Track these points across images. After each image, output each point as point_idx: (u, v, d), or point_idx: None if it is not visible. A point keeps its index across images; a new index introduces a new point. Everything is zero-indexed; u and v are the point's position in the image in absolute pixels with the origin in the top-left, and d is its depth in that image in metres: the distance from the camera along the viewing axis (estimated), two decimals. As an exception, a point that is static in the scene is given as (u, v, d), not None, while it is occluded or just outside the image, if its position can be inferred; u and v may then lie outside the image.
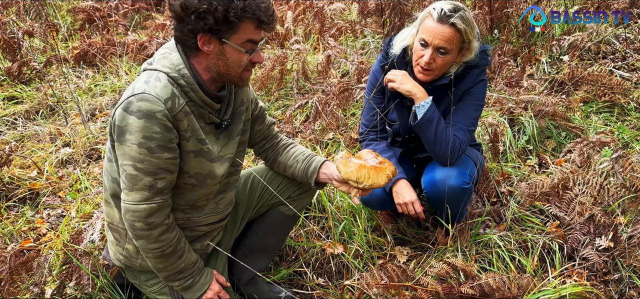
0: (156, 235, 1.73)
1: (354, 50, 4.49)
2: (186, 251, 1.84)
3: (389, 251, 2.52)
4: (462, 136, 2.21)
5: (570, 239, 2.42)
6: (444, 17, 2.05)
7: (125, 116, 1.60)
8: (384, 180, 1.90)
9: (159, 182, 1.67)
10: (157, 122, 1.60)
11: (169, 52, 1.71)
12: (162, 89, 1.62)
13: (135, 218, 1.69)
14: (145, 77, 1.66)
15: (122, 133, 1.62)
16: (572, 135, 3.29)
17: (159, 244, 1.75)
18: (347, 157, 1.93)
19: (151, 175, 1.65)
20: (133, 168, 1.64)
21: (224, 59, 1.68)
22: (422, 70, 2.15)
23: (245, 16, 1.60)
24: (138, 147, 1.61)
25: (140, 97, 1.59)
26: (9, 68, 4.58)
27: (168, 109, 1.62)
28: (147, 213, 1.68)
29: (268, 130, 2.15)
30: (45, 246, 2.57)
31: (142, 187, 1.66)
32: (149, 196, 1.67)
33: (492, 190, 2.78)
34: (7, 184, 3.16)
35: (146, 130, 1.59)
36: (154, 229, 1.71)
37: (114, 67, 4.75)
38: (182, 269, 1.84)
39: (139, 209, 1.68)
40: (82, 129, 3.68)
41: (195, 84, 1.69)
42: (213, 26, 1.60)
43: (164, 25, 5.52)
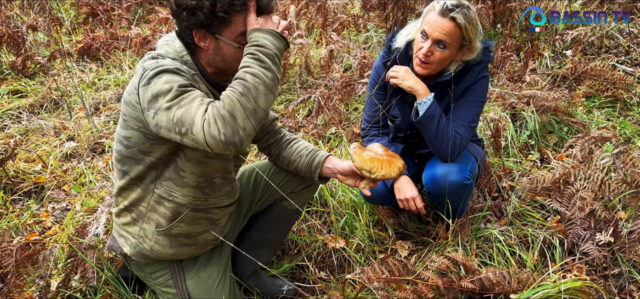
0: (223, 108, 1.48)
1: (356, 44, 4.49)
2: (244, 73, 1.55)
3: (391, 245, 2.54)
4: (463, 132, 2.22)
5: (570, 234, 2.43)
6: (445, 11, 2.06)
7: (148, 88, 1.55)
8: (396, 172, 1.94)
9: (206, 99, 1.53)
10: (176, 73, 1.57)
11: (172, 40, 1.73)
12: (171, 62, 1.62)
13: (209, 127, 1.46)
14: (153, 56, 1.67)
15: (155, 100, 1.54)
16: (574, 130, 3.30)
17: (235, 94, 1.50)
18: (360, 148, 1.97)
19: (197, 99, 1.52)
20: (178, 107, 1.51)
21: (220, 54, 1.69)
22: (420, 62, 2.15)
23: (233, 9, 1.59)
24: (170, 94, 1.51)
25: (154, 65, 1.58)
26: (13, 62, 4.61)
27: (186, 72, 1.62)
28: (213, 116, 1.47)
29: (271, 125, 2.17)
30: (50, 239, 2.60)
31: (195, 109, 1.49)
32: (205, 109, 1.49)
33: (493, 185, 2.79)
34: (12, 178, 3.19)
35: (170, 81, 1.53)
36: (220, 110, 1.48)
37: (118, 61, 4.77)
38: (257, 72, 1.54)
39: (206, 121, 1.47)
40: (86, 123, 3.71)
41: (198, 71, 1.71)
42: (204, 21, 1.60)
43: (167, 19, 5.52)
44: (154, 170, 1.80)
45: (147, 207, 1.88)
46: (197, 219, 1.92)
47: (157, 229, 1.89)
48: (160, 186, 1.83)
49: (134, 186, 1.87)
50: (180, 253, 1.96)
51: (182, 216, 1.87)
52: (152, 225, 1.89)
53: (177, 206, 1.85)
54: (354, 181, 2.04)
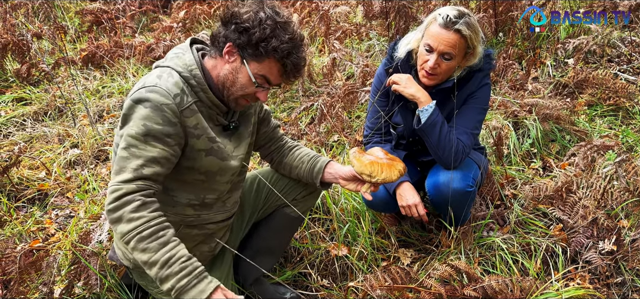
0: (129, 211, 1.57)
1: (359, 52, 4.51)
2: (172, 241, 1.60)
3: (393, 253, 2.54)
4: (465, 139, 2.23)
5: (573, 242, 2.43)
6: (449, 23, 2.07)
7: (133, 105, 1.65)
8: (396, 175, 1.94)
9: (146, 169, 1.62)
10: (162, 114, 1.63)
11: (182, 53, 1.77)
12: (173, 85, 1.68)
13: (112, 198, 1.58)
14: (158, 72, 1.72)
15: (126, 120, 1.66)
16: (577, 138, 3.30)
17: (133, 223, 1.57)
18: (360, 153, 1.98)
19: (141, 159, 1.62)
20: (126, 150, 1.62)
21: (235, 75, 1.74)
22: (427, 75, 2.17)
23: (273, 55, 1.69)
24: (135, 133, 1.62)
25: (151, 89, 1.65)
26: (18, 70, 4.64)
27: (176, 104, 1.66)
28: (124, 192, 1.58)
29: (273, 132, 2.18)
30: (53, 246, 2.61)
31: (127, 170, 1.61)
32: (131, 178, 1.60)
33: (495, 193, 2.80)
34: (16, 185, 3.21)
35: (149, 119, 1.62)
36: (127, 204, 1.58)
37: (122, 69, 4.80)
38: (169, 261, 1.57)
39: (117, 187, 1.59)
40: (90, 131, 3.72)
41: (206, 85, 1.74)
42: (243, 44, 1.68)
43: (170, 28, 5.56)
44: None
45: None
46: (192, 236, 1.94)
47: None
48: None
49: None
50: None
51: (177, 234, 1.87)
52: None
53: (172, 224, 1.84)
54: (355, 186, 2.05)
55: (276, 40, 1.66)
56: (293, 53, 1.70)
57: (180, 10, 5.87)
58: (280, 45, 1.66)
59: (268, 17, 1.66)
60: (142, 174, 1.61)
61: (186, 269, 1.57)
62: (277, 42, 1.66)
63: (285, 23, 1.69)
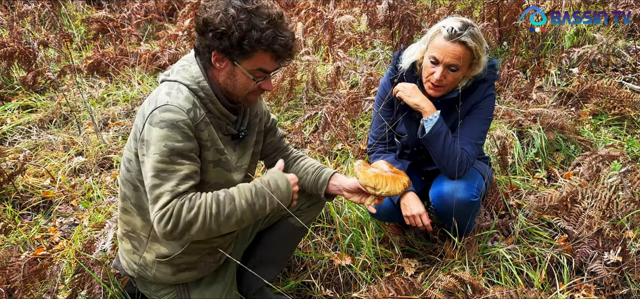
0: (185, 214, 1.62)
1: (363, 61, 4.52)
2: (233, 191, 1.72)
3: (397, 263, 2.53)
4: (470, 149, 2.23)
5: (578, 253, 2.42)
6: (454, 35, 2.07)
7: (150, 129, 1.64)
8: (401, 188, 1.94)
9: (181, 186, 1.65)
10: (180, 131, 1.63)
11: (188, 65, 1.75)
12: (184, 100, 1.67)
13: (164, 225, 1.62)
14: (167, 89, 1.70)
15: (147, 146, 1.64)
16: (581, 148, 3.29)
17: (198, 216, 1.64)
18: (365, 165, 1.98)
19: (173, 180, 1.64)
20: (156, 178, 1.64)
21: (232, 79, 1.72)
22: (433, 86, 2.17)
23: (260, 47, 1.64)
24: (160, 156, 1.62)
25: (164, 108, 1.63)
26: (24, 77, 4.67)
27: (191, 119, 1.66)
28: (171, 210, 1.62)
29: (279, 142, 2.18)
30: (57, 254, 2.61)
31: (164, 193, 1.63)
32: (169, 199, 1.63)
33: (500, 203, 2.78)
34: (21, 193, 3.22)
35: (168, 139, 1.62)
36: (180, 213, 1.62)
37: (127, 76, 4.82)
38: (248, 200, 1.71)
39: (163, 212, 1.62)
40: (95, 139, 3.74)
41: (214, 96, 1.73)
42: (227, 48, 1.64)
43: (175, 36, 5.58)
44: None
45: (148, 237, 1.90)
46: (199, 249, 1.94)
47: (158, 258, 1.91)
48: None
49: (135, 213, 1.89)
50: (182, 278, 1.98)
51: (183, 248, 1.89)
52: (153, 254, 1.92)
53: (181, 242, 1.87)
54: (359, 198, 2.05)
55: (256, 31, 1.60)
56: (278, 35, 1.64)
57: (186, 19, 5.90)
58: (262, 35, 1.61)
59: (239, 11, 1.60)
60: (179, 191, 1.64)
61: (263, 189, 1.75)
62: (257, 33, 1.60)
63: (257, 8, 1.61)
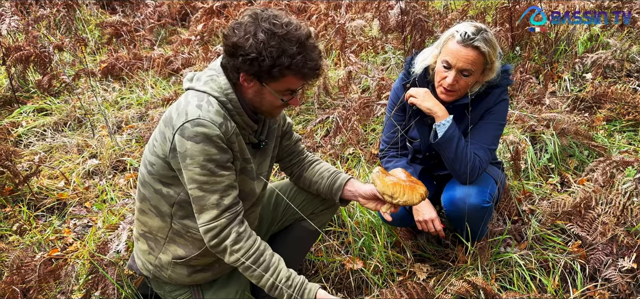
0: (230, 244, 1.75)
1: (374, 66, 4.52)
2: (272, 265, 1.80)
3: (409, 267, 2.52)
4: (482, 154, 2.22)
5: (592, 259, 2.40)
6: (467, 40, 2.07)
7: (183, 142, 1.67)
8: (418, 198, 1.94)
9: (225, 199, 1.73)
10: (214, 144, 1.67)
11: (216, 75, 1.76)
12: (215, 114, 1.69)
13: (209, 238, 1.76)
14: (197, 101, 1.71)
15: (183, 158, 1.69)
16: (595, 154, 3.26)
17: (236, 255, 1.76)
18: (383, 173, 1.98)
19: (216, 193, 1.72)
20: (199, 190, 1.71)
21: (260, 97, 1.75)
22: (445, 91, 2.17)
23: (289, 73, 1.66)
24: (201, 169, 1.68)
25: (196, 122, 1.66)
26: (39, 81, 4.73)
27: (223, 133, 1.69)
28: (219, 229, 1.74)
29: (295, 146, 2.19)
30: (72, 255, 2.64)
31: (210, 207, 1.73)
32: (217, 215, 1.73)
33: (513, 208, 2.77)
34: (36, 194, 3.26)
35: (205, 153, 1.67)
36: (226, 239, 1.75)
37: (140, 80, 4.87)
38: (273, 285, 1.80)
39: (211, 227, 1.74)
40: (109, 141, 3.77)
41: (241, 108, 1.76)
42: (257, 72, 1.66)
43: (188, 40, 5.62)
44: (172, 205, 1.86)
45: (166, 239, 1.93)
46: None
47: (174, 259, 1.94)
48: (177, 222, 1.88)
49: (153, 214, 1.91)
50: (197, 279, 2.00)
51: (201, 251, 1.91)
52: (169, 256, 1.94)
53: (195, 241, 1.90)
54: (375, 205, 2.05)
55: (286, 57, 1.62)
56: (307, 60, 1.65)
57: (198, 24, 5.94)
58: (292, 61, 1.62)
59: (269, 36, 1.60)
60: (225, 205, 1.74)
61: (289, 288, 1.80)
62: (288, 59, 1.62)
63: (286, 33, 1.62)
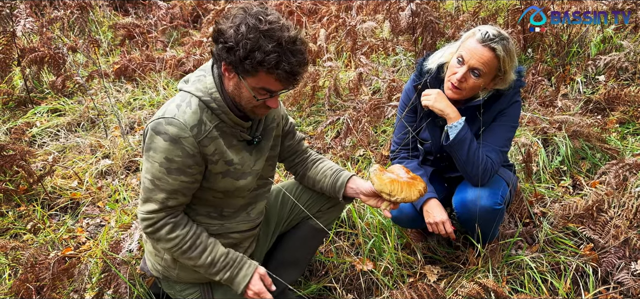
0: (165, 234, 1.82)
1: (385, 67, 4.52)
2: (210, 245, 1.88)
3: (419, 269, 2.52)
4: (494, 156, 2.21)
5: (604, 262, 2.38)
6: (486, 40, 2.06)
7: (153, 135, 1.71)
8: (416, 195, 1.93)
9: (171, 201, 1.78)
10: (181, 147, 1.70)
11: (203, 75, 1.79)
12: (190, 116, 1.71)
13: (145, 226, 1.83)
14: (178, 101, 1.75)
15: (148, 149, 1.74)
16: (608, 156, 3.23)
17: (172, 242, 1.83)
18: (381, 171, 1.97)
19: (165, 192, 1.76)
20: (151, 183, 1.76)
21: (238, 91, 1.73)
22: (452, 87, 2.16)
23: (262, 69, 1.61)
24: (159, 166, 1.72)
25: (169, 120, 1.70)
26: (53, 82, 4.79)
27: (193, 136, 1.70)
28: (154, 222, 1.81)
29: (298, 145, 2.20)
30: (85, 254, 2.67)
31: (154, 201, 1.78)
32: (158, 209, 1.79)
33: (524, 211, 2.75)
34: (49, 194, 3.30)
35: (169, 152, 1.70)
36: (161, 229, 1.82)
37: (153, 82, 4.91)
38: (212, 263, 1.87)
39: (148, 217, 1.81)
40: (121, 142, 3.81)
41: (226, 107, 1.76)
42: (234, 62, 1.64)
43: (200, 42, 5.67)
44: None
45: None
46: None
47: None
48: None
49: None
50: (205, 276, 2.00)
51: None
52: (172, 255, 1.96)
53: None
54: (375, 202, 2.06)
55: (260, 53, 1.56)
56: (282, 60, 1.58)
57: (210, 25, 5.99)
58: (265, 57, 1.57)
59: (250, 29, 1.57)
60: (167, 205, 1.79)
61: (227, 264, 1.89)
62: (261, 55, 1.56)
63: (268, 30, 1.57)
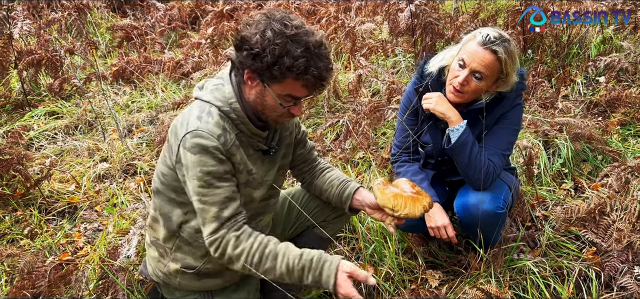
0: (231, 251, 1.71)
1: (384, 69, 4.50)
2: (280, 251, 1.73)
3: (421, 274, 2.49)
4: (496, 160, 2.19)
5: (607, 266, 2.36)
6: (487, 42, 2.04)
7: (185, 152, 1.68)
8: (420, 210, 1.88)
9: (224, 211, 1.71)
10: (211, 155, 1.66)
11: (221, 85, 1.75)
12: (214, 125, 1.68)
13: (213, 250, 1.73)
14: (198, 112, 1.71)
15: (185, 170, 1.70)
16: (609, 159, 3.21)
17: (241, 259, 1.71)
18: (384, 185, 1.93)
19: (216, 205, 1.70)
20: (199, 202, 1.71)
21: (262, 99, 1.71)
22: (454, 90, 2.14)
23: (290, 74, 1.60)
24: (198, 181, 1.67)
25: (194, 134, 1.66)
26: (51, 84, 4.75)
27: (222, 144, 1.68)
28: (218, 243, 1.72)
29: (309, 154, 2.16)
30: (82, 259, 2.64)
31: (210, 220, 1.71)
32: (217, 227, 1.71)
33: (526, 214, 2.73)
34: (46, 198, 3.27)
35: (202, 164, 1.66)
36: (227, 247, 1.72)
37: (151, 84, 4.87)
38: (288, 270, 1.70)
39: (213, 240, 1.72)
40: (119, 145, 3.78)
41: (246, 117, 1.74)
42: (259, 69, 1.62)
43: (199, 44, 5.63)
44: (182, 215, 1.86)
45: (172, 248, 1.93)
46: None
47: (183, 268, 1.93)
48: (185, 231, 1.88)
49: (161, 222, 1.92)
50: (207, 285, 1.99)
51: (208, 257, 1.90)
52: (178, 264, 1.94)
53: (205, 250, 1.87)
54: (380, 216, 2.01)
55: (289, 58, 1.56)
56: (311, 65, 1.59)
57: (208, 27, 5.95)
58: (294, 63, 1.57)
59: (276, 34, 1.56)
60: (224, 217, 1.71)
61: (306, 268, 1.70)
62: (290, 60, 1.56)
63: (295, 35, 1.58)
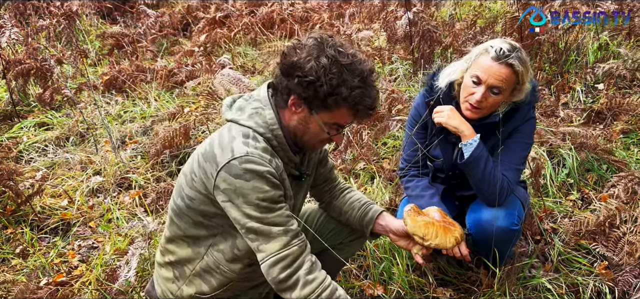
0: (304, 274, 1.61)
1: (382, 76, 4.45)
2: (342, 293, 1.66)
3: (431, 293, 2.42)
4: (511, 175, 2.13)
5: (620, 281, 2.32)
6: (502, 57, 1.98)
7: (232, 180, 1.57)
8: (452, 242, 1.81)
9: (291, 225, 1.64)
10: (266, 181, 1.58)
11: (261, 108, 1.68)
12: (263, 151, 1.61)
13: (280, 269, 1.60)
14: (243, 138, 1.62)
15: (235, 197, 1.59)
16: (614, 168, 3.18)
17: (310, 286, 1.60)
18: (415, 212, 1.86)
19: (280, 225, 1.61)
20: (261, 224, 1.60)
21: (305, 126, 1.65)
22: (471, 108, 2.07)
23: (345, 104, 1.57)
24: (257, 207, 1.58)
25: (244, 159, 1.57)
26: (40, 94, 4.62)
27: (274, 168, 1.60)
28: (289, 260, 1.61)
29: (329, 173, 2.09)
30: (77, 281, 2.53)
31: (277, 235, 1.61)
32: (288, 241, 1.61)
33: (535, 227, 2.68)
34: (38, 214, 3.16)
35: (258, 190, 1.57)
36: (300, 267, 1.62)
37: (144, 93, 4.76)
38: None
39: (282, 256, 1.60)
40: (113, 157, 3.67)
41: (286, 145, 1.68)
42: (310, 97, 1.57)
43: (191, 51, 5.53)
44: (210, 237, 1.76)
45: (193, 271, 1.83)
46: (242, 287, 1.87)
47: (197, 294, 1.83)
48: (210, 254, 1.78)
49: (184, 244, 1.82)
50: None
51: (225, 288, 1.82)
52: (192, 288, 1.84)
53: (224, 279, 1.79)
54: (406, 244, 1.95)
55: (345, 88, 1.54)
56: (365, 96, 1.57)
57: (201, 34, 5.86)
58: (350, 93, 1.54)
59: (332, 63, 1.53)
60: (293, 230, 1.63)
61: None
62: (346, 90, 1.54)
63: (350, 64, 1.55)
